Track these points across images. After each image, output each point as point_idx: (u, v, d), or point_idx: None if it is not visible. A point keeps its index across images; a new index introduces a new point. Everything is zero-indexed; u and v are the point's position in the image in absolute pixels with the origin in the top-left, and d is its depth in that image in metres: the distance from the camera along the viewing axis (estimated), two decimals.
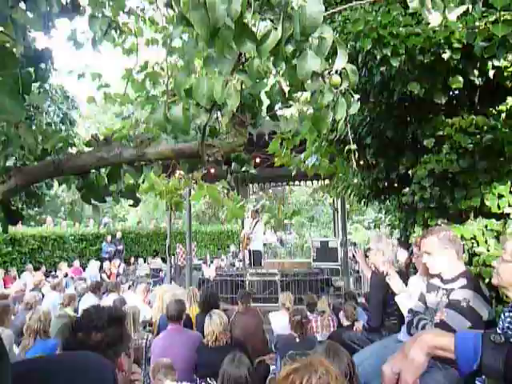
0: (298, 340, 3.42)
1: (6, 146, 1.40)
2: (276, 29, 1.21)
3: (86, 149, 1.74)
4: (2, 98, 1.23)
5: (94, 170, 1.72)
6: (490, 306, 2.11)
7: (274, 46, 1.21)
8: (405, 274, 3.40)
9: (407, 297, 2.71)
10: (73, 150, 1.80)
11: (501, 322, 1.79)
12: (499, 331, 1.74)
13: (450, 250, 2.24)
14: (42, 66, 1.86)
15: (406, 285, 2.94)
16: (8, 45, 1.62)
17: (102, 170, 1.77)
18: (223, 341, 3.19)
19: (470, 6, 2.31)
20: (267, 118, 1.74)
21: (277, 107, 1.68)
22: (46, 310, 3.66)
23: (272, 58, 1.35)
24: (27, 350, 3.30)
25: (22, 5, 1.63)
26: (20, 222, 1.82)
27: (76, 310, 5.23)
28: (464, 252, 2.75)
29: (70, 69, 3.44)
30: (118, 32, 2.91)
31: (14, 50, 1.63)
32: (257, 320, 4.40)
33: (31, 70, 1.75)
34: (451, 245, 2.25)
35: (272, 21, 1.24)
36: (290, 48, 1.25)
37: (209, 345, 3.20)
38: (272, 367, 3.74)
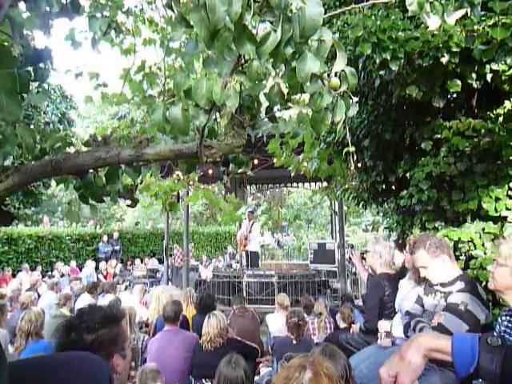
0: (294, 342, 3.42)
1: (2, 146, 1.40)
2: (275, 31, 1.21)
3: (84, 149, 1.74)
4: (0, 97, 1.23)
5: (92, 170, 1.71)
6: (487, 308, 2.11)
7: (273, 48, 1.22)
8: (401, 275, 3.40)
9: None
10: (71, 150, 1.79)
11: (497, 326, 1.80)
12: (495, 334, 1.74)
13: (441, 256, 2.24)
14: (41, 65, 1.85)
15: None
16: (6, 44, 1.61)
17: (100, 170, 1.77)
18: (219, 342, 3.18)
19: (469, 10, 2.32)
20: (266, 119, 1.75)
21: (275, 109, 1.69)
22: (38, 311, 3.60)
23: (271, 60, 1.35)
24: (20, 352, 3.27)
25: (22, 4, 1.63)
26: (16, 221, 1.81)
27: (72, 311, 5.20)
28: (461, 255, 2.75)
29: (67, 67, 3.44)
30: (117, 32, 2.91)
31: (12, 48, 1.63)
32: (253, 322, 4.39)
33: (30, 69, 1.75)
34: (440, 250, 2.25)
35: (271, 23, 1.24)
36: (289, 50, 1.25)
37: (204, 346, 3.20)
38: (268, 369, 3.74)
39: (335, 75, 1.40)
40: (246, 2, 1.12)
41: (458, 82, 2.75)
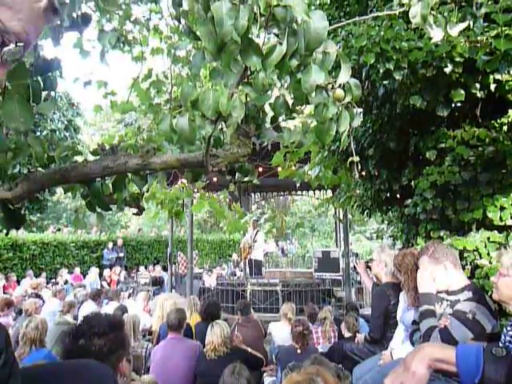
0: (299, 351, 3.40)
1: (16, 155, 1.43)
2: (281, 44, 1.24)
3: (92, 157, 1.77)
4: (13, 107, 1.26)
5: (99, 179, 1.74)
6: (495, 319, 2.10)
7: (279, 60, 1.24)
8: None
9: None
10: (79, 159, 1.82)
11: (503, 336, 1.78)
12: (501, 345, 1.73)
13: (444, 263, 2.26)
14: (50, 73, 1.89)
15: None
16: None
17: (108, 179, 1.79)
18: (222, 351, 3.18)
19: (472, 22, 2.34)
20: (271, 129, 1.77)
21: (280, 119, 1.71)
22: (43, 319, 3.59)
23: (277, 72, 1.38)
24: (22, 359, 3.26)
25: None
26: (21, 227, 1.83)
27: (76, 318, 5.20)
28: (467, 264, 2.74)
29: (74, 75, 3.48)
30: (125, 42, 2.95)
31: (25, 59, 1.67)
32: (257, 331, 4.37)
33: (39, 79, 1.78)
34: (443, 258, 2.27)
35: (277, 36, 1.27)
36: (294, 62, 1.28)
37: (207, 354, 3.19)
38: (272, 378, 3.71)
39: (339, 86, 1.42)
40: (252, 15, 1.15)
41: (462, 92, 2.76)
